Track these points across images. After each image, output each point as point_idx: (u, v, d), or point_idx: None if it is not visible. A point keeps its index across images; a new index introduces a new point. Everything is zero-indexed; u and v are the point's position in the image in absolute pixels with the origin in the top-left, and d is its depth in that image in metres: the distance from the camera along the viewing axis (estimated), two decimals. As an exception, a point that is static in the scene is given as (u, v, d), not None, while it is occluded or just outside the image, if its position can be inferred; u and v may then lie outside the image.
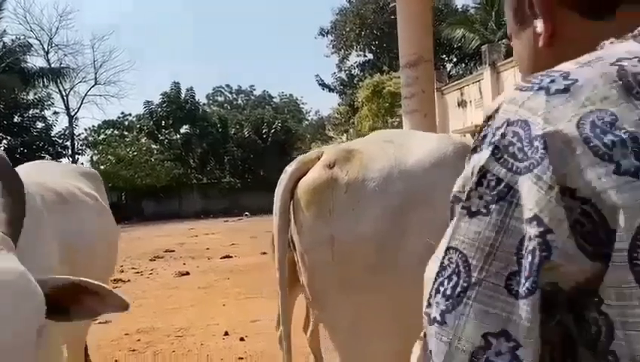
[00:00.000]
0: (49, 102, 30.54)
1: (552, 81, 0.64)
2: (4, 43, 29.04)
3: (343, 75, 32.74)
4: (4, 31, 29.09)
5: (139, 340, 5.20)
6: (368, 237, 1.63)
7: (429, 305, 0.66)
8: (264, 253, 11.26)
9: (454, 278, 0.64)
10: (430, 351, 0.63)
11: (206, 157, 31.76)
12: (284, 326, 1.92)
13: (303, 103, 50.15)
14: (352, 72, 32.31)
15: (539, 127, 0.60)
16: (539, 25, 0.77)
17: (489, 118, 0.66)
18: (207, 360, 4.57)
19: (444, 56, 27.89)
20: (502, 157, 0.63)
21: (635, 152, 0.54)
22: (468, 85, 18.36)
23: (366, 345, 1.69)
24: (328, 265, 1.70)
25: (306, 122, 46.48)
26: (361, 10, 29.68)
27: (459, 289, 0.64)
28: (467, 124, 17.84)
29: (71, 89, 31.74)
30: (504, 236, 0.62)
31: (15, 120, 29.16)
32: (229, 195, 29.83)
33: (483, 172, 0.64)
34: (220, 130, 32.32)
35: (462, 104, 18.45)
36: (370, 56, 31.53)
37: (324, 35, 32.16)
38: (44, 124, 30.05)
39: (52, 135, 29.94)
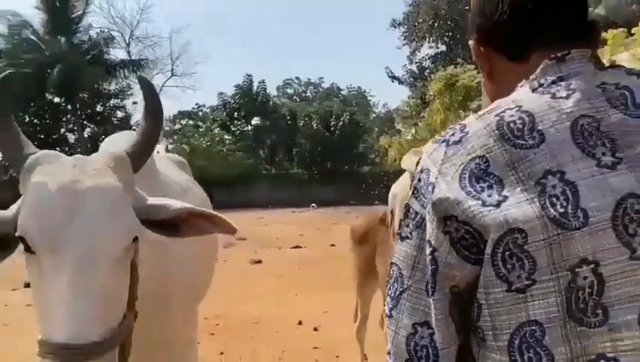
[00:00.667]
0: (129, 93, 32.08)
1: (452, 135, 0.92)
2: (90, 36, 30.77)
3: (414, 67, 32.24)
4: (90, 25, 30.83)
5: (217, 324, 5.42)
6: None
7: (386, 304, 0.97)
8: (333, 245, 11.39)
9: (395, 285, 0.94)
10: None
11: (275, 149, 32.34)
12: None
13: (371, 96, 50.05)
14: (424, 65, 31.73)
15: (433, 176, 0.89)
16: (482, 64, 1.05)
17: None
18: (283, 348, 4.70)
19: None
20: (418, 196, 0.92)
21: (497, 190, 0.83)
22: (547, 79, 17.61)
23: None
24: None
25: (374, 115, 46.26)
26: (434, 1, 29.05)
27: (397, 292, 0.93)
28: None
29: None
30: (421, 254, 0.90)
31: (98, 109, 30.90)
32: (297, 186, 30.23)
33: (407, 207, 0.94)
34: (289, 122, 32.77)
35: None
36: (442, 48, 30.84)
37: (395, 27, 31.75)
38: (124, 114, 31.65)
39: (131, 124, 31.45)
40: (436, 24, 29.43)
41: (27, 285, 7.36)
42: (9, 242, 1.28)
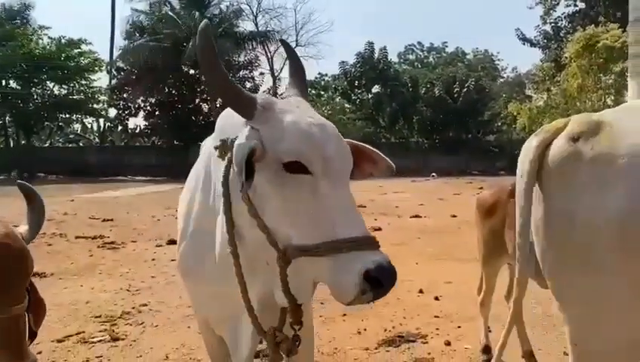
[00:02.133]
0: (257, 64, 33.51)
1: None
2: (220, 9, 32.43)
3: (547, 27, 29.96)
4: (221, -2, 32.42)
5: (340, 288, 5.64)
6: (613, 215, 1.56)
7: None
8: (454, 216, 11.18)
9: None
10: None
11: (395, 117, 32.02)
12: (518, 288, 1.96)
13: (499, 60, 47.34)
14: (559, 25, 29.33)
15: None
16: None
17: None
18: (404, 314, 4.78)
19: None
20: None
21: None
22: None
23: (598, 323, 1.66)
24: (566, 240, 1.67)
25: (502, 80, 43.81)
26: (574, -47, 26.52)
27: None
28: None
29: (275, 51, 34.34)
30: None
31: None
32: (417, 155, 29.82)
33: None
34: (411, 89, 32.18)
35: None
36: (581, 5, 28.22)
37: (528, -15, 29.57)
38: (252, 84, 33.09)
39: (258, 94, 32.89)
40: (575, -21, 26.90)
41: (170, 242, 8.19)
42: (254, 169, 1.49)
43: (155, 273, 6.36)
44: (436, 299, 5.26)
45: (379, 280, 1.32)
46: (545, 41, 29.98)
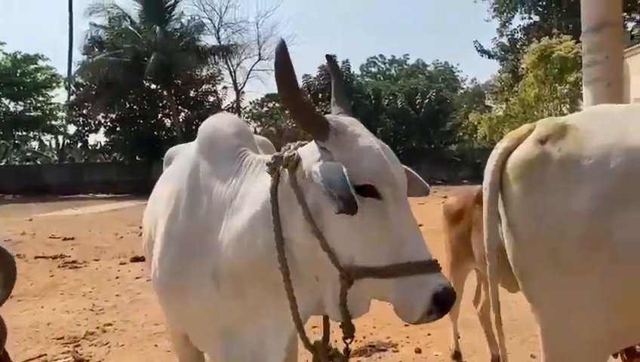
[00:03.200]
0: (219, 78, 33.32)
1: None
2: (181, 23, 32.16)
3: (504, 39, 30.95)
4: (182, 12, 32.21)
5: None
6: (581, 215, 1.60)
7: None
8: (420, 225, 11.26)
9: None
10: None
11: (360, 128, 32.28)
12: (493, 298, 1.97)
13: (458, 71, 48.50)
14: (515, 36, 30.30)
15: None
16: None
17: None
18: (374, 323, 4.77)
19: (625, 14, 24.78)
20: None
21: None
22: (655, 47, 16.16)
23: (569, 322, 1.69)
24: (536, 240, 1.71)
25: (462, 91, 44.82)
26: (527, -32, 27.50)
27: None
28: (653, 91, 15.80)
29: (238, 65, 34.25)
30: None
31: (191, 94, 32.38)
32: (382, 166, 30.13)
33: None
34: (374, 101, 32.56)
35: (647, 68, 16.32)
36: (535, 18, 29.26)
37: (484, -1, 30.46)
38: (215, 98, 32.92)
39: (222, 108, 32.64)
40: (529, -7, 27.87)
41: (135, 259, 8.01)
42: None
43: (119, 291, 6.20)
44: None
45: (444, 302, 1.40)
46: (502, 52, 30.91)
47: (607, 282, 1.60)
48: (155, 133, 31.08)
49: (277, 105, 36.42)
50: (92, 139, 33.89)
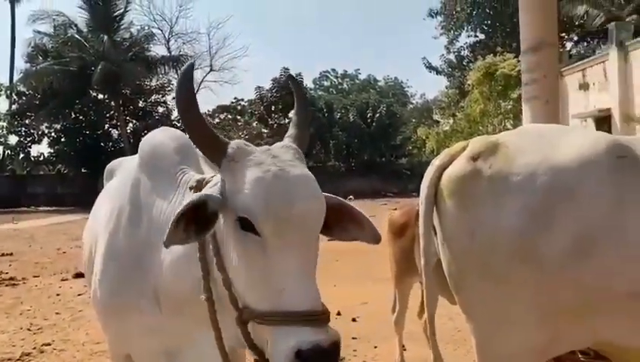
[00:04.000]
0: (169, 88, 32.75)
1: None
2: (130, 33, 31.57)
3: (451, 56, 31.85)
4: (131, 22, 31.63)
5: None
6: (510, 230, 1.67)
7: None
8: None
9: None
10: None
11: (312, 141, 32.43)
12: (428, 309, 2.01)
13: (408, 87, 49.55)
14: (462, 54, 31.30)
15: None
16: None
17: None
18: (322, 338, 4.79)
19: (564, 34, 26.08)
20: None
21: None
22: (591, 66, 17.05)
23: (501, 332, 1.75)
24: (468, 253, 1.77)
25: (411, 106, 45.80)
26: (473, -12, 28.53)
27: None
28: (589, 109, 16.63)
29: (189, 76, 33.76)
30: None
31: (140, 105, 31.71)
32: (333, 178, 30.29)
33: None
34: (326, 114, 32.82)
35: (584, 87, 17.19)
36: (481, 36, 30.30)
37: (433, 17, 31.40)
38: (164, 109, 32.37)
39: (172, 119, 32.13)
40: (475, 12, 28.89)
41: (78, 275, 7.72)
42: (211, 220, 1.41)
43: (59, 309, 5.95)
44: (353, 320, 5.32)
45: (307, 361, 1.25)
46: (449, 69, 31.83)
47: (534, 294, 1.67)
48: (102, 144, 30.22)
49: (229, 116, 36.18)
50: (35, 150, 32.54)
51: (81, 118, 30.15)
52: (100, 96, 30.65)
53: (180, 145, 1.86)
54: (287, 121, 32.93)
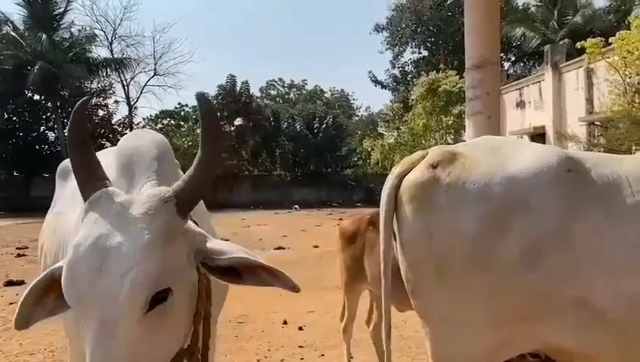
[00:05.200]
0: (111, 92, 31.81)
1: None
2: (71, 33, 30.44)
3: (396, 71, 32.58)
4: (72, 22, 30.50)
5: (203, 323, 5.46)
6: (465, 236, 1.74)
7: None
8: (316, 246, 11.48)
9: None
10: None
11: (258, 150, 32.29)
12: (385, 314, 2.04)
13: (354, 99, 50.34)
14: (406, 69, 32.10)
15: None
16: None
17: None
18: (268, 347, 4.76)
19: (502, 54, 27.29)
20: None
21: None
22: (527, 86, 17.96)
23: (455, 336, 1.81)
24: (425, 258, 1.82)
25: (357, 118, 46.49)
26: (417, 6, 29.38)
27: None
28: (525, 126, 17.47)
29: (132, 79, 32.94)
30: None
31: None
32: (279, 188, 30.32)
33: None
34: (273, 123, 32.78)
35: (520, 105, 18.08)
36: (425, 53, 31.20)
37: (379, 31, 32.05)
38: (105, 112, 31.29)
39: (113, 123, 31.14)
40: (419, 29, 29.75)
41: (9, 283, 7.33)
42: None
43: (-12, 319, 5.63)
44: (300, 328, 5.32)
45: None
46: (394, 83, 32.55)
47: (487, 299, 1.75)
48: (37, 147, 28.88)
49: (172, 122, 35.44)
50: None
51: (14, 118, 28.72)
52: (37, 97, 29.32)
53: (159, 153, 1.76)
54: (232, 128, 32.67)
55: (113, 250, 1.16)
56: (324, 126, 32.14)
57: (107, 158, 1.76)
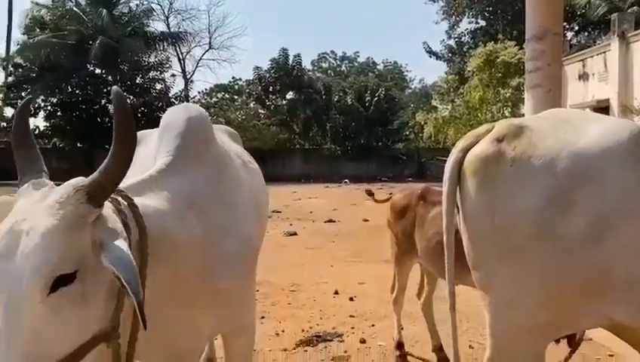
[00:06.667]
0: (167, 65, 32.53)
1: None
2: (130, 8, 31.24)
3: (452, 42, 31.74)
4: (131, -4, 31.25)
5: (258, 290, 5.63)
6: (529, 211, 1.73)
7: None
8: (366, 220, 11.53)
9: None
10: None
11: (309, 124, 32.42)
12: (449, 285, 2.06)
13: (407, 71, 49.39)
14: (462, 40, 31.17)
15: None
16: None
17: None
18: (320, 315, 4.88)
19: (565, 24, 25.99)
20: None
21: None
22: (592, 56, 17.05)
23: (515, 309, 1.82)
24: (487, 232, 1.83)
25: (410, 90, 45.72)
26: (476, -26, 28.34)
27: None
28: (587, 99, 16.67)
29: (187, 53, 33.65)
30: None
31: (137, 81, 31.48)
32: (329, 161, 30.39)
33: None
34: (324, 97, 32.73)
35: (583, 77, 17.20)
36: (482, 23, 30.16)
37: (434, 1, 31.21)
38: (162, 86, 32.12)
39: (170, 96, 31.94)
40: (476, -1, 28.74)
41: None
42: None
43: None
44: (351, 299, 5.41)
45: None
46: (449, 54, 31.72)
47: (549, 274, 1.74)
48: (98, 119, 30.04)
49: (226, 95, 36.02)
50: (30, 123, 32.31)
51: (77, 92, 29.89)
52: (98, 71, 30.39)
53: (187, 128, 1.86)
54: (284, 102, 32.86)
55: (23, 233, 1.23)
56: (375, 99, 31.77)
57: None
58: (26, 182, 1.39)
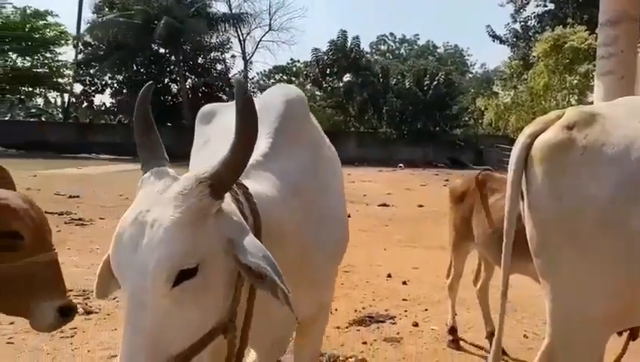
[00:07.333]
0: (228, 46, 33.16)
1: None
2: (193, -12, 31.87)
3: (517, 26, 30.50)
4: (194, -22, 31.85)
5: (311, 270, 5.76)
6: (599, 200, 1.70)
7: None
8: (421, 206, 11.44)
9: None
10: None
11: (365, 107, 32.19)
12: (504, 272, 2.07)
13: (468, 55, 48.11)
14: (529, 24, 29.92)
15: None
16: None
17: None
18: (373, 296, 4.94)
19: (642, 7, 24.49)
20: None
21: None
22: (669, 43, 16.02)
23: (577, 298, 1.80)
24: (553, 219, 1.81)
25: (471, 75, 44.55)
26: (546, -46, 27.05)
27: None
28: (662, 88, 15.72)
29: (248, 34, 34.09)
30: None
31: (199, 61, 32.23)
32: (384, 145, 30.15)
33: None
34: (382, 80, 32.35)
35: (659, 65, 16.20)
36: (551, 6, 28.82)
37: (500, -17, 30.05)
38: (222, 66, 32.78)
39: (229, 77, 32.52)
40: (546, -20, 27.49)
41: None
42: None
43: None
44: (404, 283, 5.43)
45: None
46: (514, 39, 30.55)
47: (617, 264, 1.71)
48: (161, 97, 31.01)
49: (284, 77, 36.29)
50: (98, 99, 33.76)
51: (142, 70, 30.97)
52: (162, 51, 31.31)
53: (286, 111, 1.86)
54: (341, 84, 32.76)
55: (147, 225, 1.23)
56: (434, 83, 31.09)
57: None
58: (148, 171, 1.40)
